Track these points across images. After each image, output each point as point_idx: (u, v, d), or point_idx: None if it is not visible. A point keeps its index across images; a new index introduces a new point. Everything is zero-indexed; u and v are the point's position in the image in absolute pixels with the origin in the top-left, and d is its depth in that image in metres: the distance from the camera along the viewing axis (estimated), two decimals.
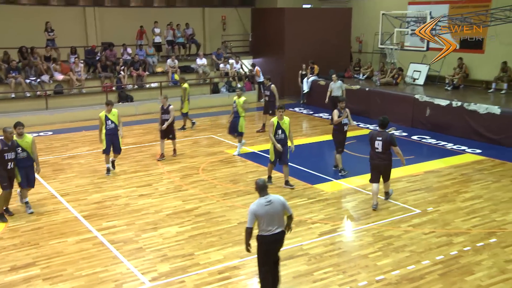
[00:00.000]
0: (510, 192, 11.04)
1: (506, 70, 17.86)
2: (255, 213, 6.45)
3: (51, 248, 8.53)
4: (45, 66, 19.52)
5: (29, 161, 9.81)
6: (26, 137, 9.72)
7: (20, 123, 9.73)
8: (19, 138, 9.63)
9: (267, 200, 6.50)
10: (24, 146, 9.68)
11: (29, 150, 9.73)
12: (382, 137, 9.84)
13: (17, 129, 9.59)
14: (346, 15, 23.55)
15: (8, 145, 9.49)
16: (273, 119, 11.08)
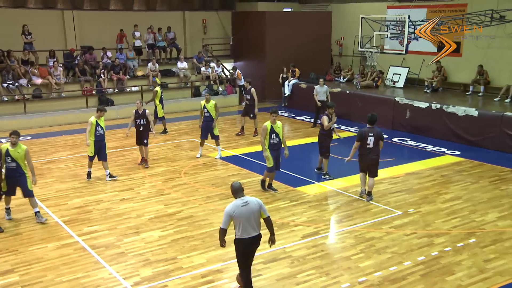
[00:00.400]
0: (488, 193, 11.23)
1: (482, 73, 18.19)
2: (230, 214, 6.45)
3: (31, 254, 8.39)
4: (23, 70, 19.24)
5: (18, 172, 9.41)
6: (19, 147, 9.35)
7: (15, 132, 9.37)
8: (11, 147, 9.30)
9: (243, 201, 6.51)
10: (15, 156, 9.31)
11: (20, 161, 9.35)
12: (373, 133, 10.47)
13: (11, 138, 9.29)
14: (326, 19, 23.72)
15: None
16: (266, 123, 10.85)
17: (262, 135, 10.83)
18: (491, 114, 15.01)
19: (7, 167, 9.33)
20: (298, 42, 22.65)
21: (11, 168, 9.34)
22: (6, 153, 9.26)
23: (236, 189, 6.61)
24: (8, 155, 9.28)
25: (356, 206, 10.46)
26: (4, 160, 9.27)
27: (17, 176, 9.42)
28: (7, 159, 9.28)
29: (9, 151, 9.27)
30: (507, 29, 17.37)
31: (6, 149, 9.25)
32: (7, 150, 9.25)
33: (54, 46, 20.42)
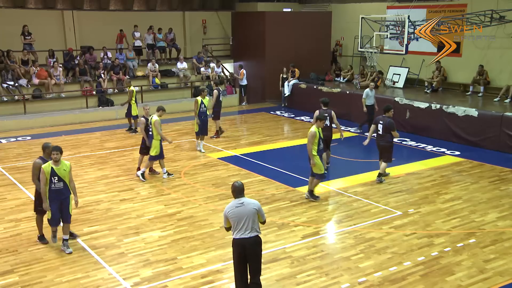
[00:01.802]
0: (488, 193, 11.24)
1: (482, 73, 18.19)
2: (225, 214, 6.54)
3: (31, 255, 8.39)
4: (23, 70, 19.24)
5: (64, 194, 8.28)
6: (63, 164, 8.24)
7: (57, 147, 8.22)
8: (56, 165, 8.15)
9: (239, 202, 6.51)
10: (62, 174, 8.17)
11: (67, 179, 8.24)
12: (383, 122, 11.61)
13: (53, 155, 8.14)
14: (326, 19, 23.72)
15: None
16: (313, 128, 10.28)
17: (310, 141, 10.22)
18: (491, 114, 15.01)
19: (54, 188, 8.15)
20: (298, 42, 22.65)
21: (58, 189, 8.17)
22: (52, 172, 8.09)
23: (234, 190, 6.61)
24: (55, 174, 8.10)
25: (356, 207, 10.47)
26: (49, 181, 8.10)
27: (62, 199, 8.28)
28: (54, 179, 8.11)
29: (54, 170, 8.10)
30: (507, 29, 17.36)
31: (50, 168, 8.09)
32: (52, 169, 8.09)
33: (54, 46, 20.43)
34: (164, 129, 17.63)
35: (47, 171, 8.07)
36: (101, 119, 19.34)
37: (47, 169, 8.08)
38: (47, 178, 8.09)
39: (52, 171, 8.10)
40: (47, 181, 8.10)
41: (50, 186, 8.12)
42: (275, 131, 17.65)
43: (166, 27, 22.91)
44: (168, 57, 23.40)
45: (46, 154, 8.54)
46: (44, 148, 8.63)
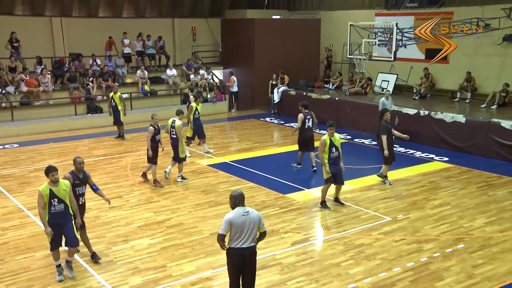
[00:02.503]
0: (476, 199, 11.32)
1: (470, 79, 18.38)
2: (231, 222, 6.26)
3: (17, 264, 8.29)
4: (10, 77, 19.09)
5: (66, 216, 7.59)
6: (62, 184, 7.54)
7: (52, 167, 7.53)
8: (54, 187, 7.46)
9: (245, 210, 6.33)
10: (62, 196, 7.50)
11: (67, 200, 7.58)
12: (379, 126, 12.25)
13: (51, 176, 7.45)
14: (315, 26, 23.86)
15: (79, 177, 8.17)
16: (324, 137, 10.42)
17: (321, 149, 10.36)
18: (478, 121, 15.15)
19: (54, 212, 7.46)
20: (287, 49, 22.75)
21: (59, 212, 7.48)
22: (51, 194, 7.40)
23: (238, 197, 6.39)
24: (54, 196, 7.42)
25: (345, 213, 10.49)
26: (48, 204, 7.44)
27: (65, 222, 7.58)
28: (53, 202, 7.43)
29: (54, 192, 7.42)
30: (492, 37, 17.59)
31: (48, 190, 7.40)
32: (51, 191, 7.40)
33: (43, 53, 20.31)
34: None
35: (45, 194, 7.39)
36: (89, 126, 19.22)
37: (45, 191, 7.39)
38: (46, 202, 7.40)
39: (51, 193, 7.41)
40: (46, 205, 7.42)
41: (50, 209, 7.42)
42: (264, 137, 17.67)
43: (156, 34, 22.89)
44: (158, 64, 23.37)
45: (77, 168, 8.17)
46: (75, 161, 8.21)
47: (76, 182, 8.09)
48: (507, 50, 17.67)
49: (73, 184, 7.96)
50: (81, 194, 8.23)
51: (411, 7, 19.76)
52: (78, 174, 8.19)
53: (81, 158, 8.21)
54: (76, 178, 8.13)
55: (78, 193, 8.12)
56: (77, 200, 7.97)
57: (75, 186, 8.06)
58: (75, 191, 8.04)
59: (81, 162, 8.15)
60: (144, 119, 20.21)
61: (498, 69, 18.01)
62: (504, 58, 17.81)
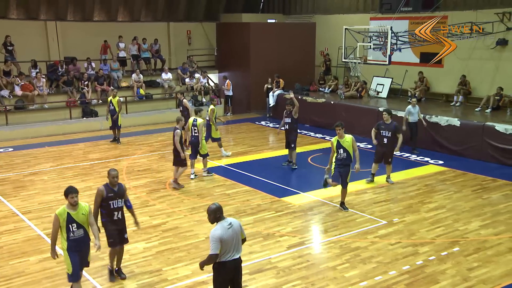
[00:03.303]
0: (471, 202, 11.36)
1: (465, 83, 18.47)
2: (221, 239, 5.96)
3: (12, 268, 8.25)
4: (5, 80, 19.03)
5: (85, 242, 7.02)
6: (81, 208, 6.87)
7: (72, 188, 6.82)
8: (73, 210, 6.78)
9: (227, 223, 6.09)
10: (81, 220, 6.85)
11: (86, 225, 6.93)
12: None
13: (70, 198, 6.76)
14: (310, 30, 23.93)
15: (114, 190, 7.59)
16: (332, 138, 10.57)
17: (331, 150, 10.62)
18: (473, 124, 15.21)
19: (73, 238, 6.80)
20: (282, 53, 22.79)
21: (78, 238, 6.84)
22: (69, 219, 6.75)
23: (217, 211, 6.11)
24: (72, 221, 6.77)
25: (341, 216, 10.50)
26: (66, 229, 6.78)
27: (84, 249, 7.01)
28: (72, 227, 6.77)
29: (72, 216, 6.77)
30: (486, 41, 17.72)
31: (66, 213, 6.75)
32: (69, 214, 6.75)
33: (37, 57, 20.26)
34: (149, 140, 17.66)
35: (62, 217, 6.72)
36: (84, 130, 19.18)
37: (63, 215, 6.72)
38: (63, 226, 6.75)
39: (69, 217, 6.74)
40: (63, 229, 6.77)
41: (68, 235, 6.77)
42: (260, 141, 17.68)
43: (151, 38, 22.90)
44: (153, 68, 23.36)
45: (111, 181, 7.58)
46: (109, 174, 7.61)
47: (110, 195, 7.53)
48: (500, 54, 17.78)
49: (106, 198, 7.49)
50: (116, 209, 7.60)
51: (406, 11, 19.85)
52: (113, 187, 7.60)
53: (116, 171, 7.61)
54: (110, 191, 7.56)
55: (112, 207, 7.56)
56: (111, 215, 7.55)
57: (109, 199, 7.52)
58: (109, 205, 7.52)
59: (115, 176, 7.54)
60: (139, 123, 20.23)
61: (492, 73, 18.12)
62: (498, 62, 17.92)
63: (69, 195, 6.75)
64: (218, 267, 6.13)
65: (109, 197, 7.53)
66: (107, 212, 7.56)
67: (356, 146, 10.55)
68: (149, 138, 18.07)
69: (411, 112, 15.35)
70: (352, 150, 10.49)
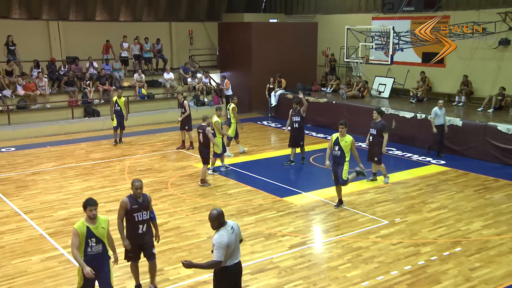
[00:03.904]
0: (473, 202, 11.34)
1: (466, 83, 18.45)
2: (228, 245, 5.82)
3: (14, 268, 8.26)
4: (7, 80, 19.06)
5: (104, 258, 6.53)
6: (100, 221, 6.44)
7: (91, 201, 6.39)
8: (92, 224, 6.35)
9: (229, 227, 5.96)
10: (101, 234, 6.41)
11: (105, 239, 6.48)
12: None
13: (88, 211, 6.33)
14: (312, 30, 23.92)
15: (138, 202, 7.14)
16: (333, 134, 10.71)
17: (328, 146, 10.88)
18: (475, 124, 15.19)
19: (91, 253, 6.35)
20: (284, 52, 22.78)
21: (96, 254, 6.38)
22: (88, 233, 6.31)
23: (219, 215, 5.92)
24: (92, 235, 6.33)
25: (343, 216, 10.49)
26: (85, 244, 6.33)
27: (101, 265, 6.51)
28: (91, 242, 6.33)
29: (91, 230, 6.33)
30: (488, 41, 17.69)
31: (85, 228, 6.31)
32: (88, 228, 6.31)
33: (39, 57, 20.30)
34: (151, 140, 17.68)
35: (81, 232, 6.27)
36: (87, 129, 19.20)
37: (82, 229, 6.28)
38: (82, 242, 6.29)
39: (89, 231, 6.30)
40: (82, 245, 6.31)
41: (86, 250, 6.32)
42: (261, 141, 17.68)
43: (153, 38, 22.91)
44: (155, 68, 23.38)
45: (135, 193, 7.13)
46: (132, 185, 7.16)
47: (134, 207, 7.10)
48: (502, 54, 17.75)
49: (130, 210, 7.08)
50: (141, 221, 7.15)
51: (408, 11, 19.83)
52: (137, 199, 7.16)
53: (140, 182, 7.17)
54: (134, 202, 7.12)
55: (136, 219, 7.12)
56: (135, 228, 7.13)
57: (133, 211, 7.10)
58: (133, 217, 7.10)
59: (138, 187, 7.09)
60: (141, 122, 20.24)
61: (494, 73, 18.09)
62: (500, 62, 17.89)
63: (87, 208, 6.31)
64: (221, 273, 5.97)
65: (133, 209, 7.10)
66: (131, 225, 7.14)
67: (354, 148, 10.57)
68: (151, 138, 18.09)
69: (438, 114, 14.78)
70: (351, 151, 10.54)
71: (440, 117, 14.85)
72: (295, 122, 14.06)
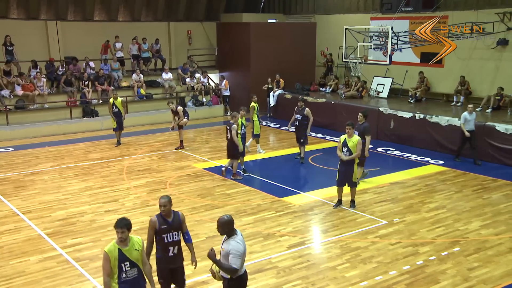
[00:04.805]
0: (471, 202, 11.36)
1: (464, 83, 18.47)
2: (244, 253, 5.64)
3: (12, 268, 8.25)
4: (5, 80, 19.04)
5: (141, 284, 5.90)
6: (133, 242, 5.77)
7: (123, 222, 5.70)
8: (124, 246, 5.68)
9: (241, 235, 5.79)
10: (134, 257, 5.73)
11: (140, 262, 5.81)
12: None
13: (119, 232, 5.64)
14: (311, 30, 23.93)
15: (168, 221, 6.35)
16: (342, 136, 10.71)
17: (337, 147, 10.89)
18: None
19: (126, 279, 5.70)
20: (282, 53, 22.79)
21: (131, 279, 5.73)
22: (121, 256, 5.64)
23: (231, 221, 5.67)
24: (125, 259, 5.66)
25: (341, 216, 10.50)
26: (118, 268, 5.68)
27: None
28: (124, 266, 5.66)
29: (124, 253, 5.65)
30: (487, 41, 17.72)
31: (117, 251, 5.64)
32: (120, 251, 5.64)
33: (38, 57, 20.25)
34: (149, 140, 17.67)
35: (113, 256, 5.61)
36: (85, 130, 19.19)
37: (113, 253, 5.62)
38: (114, 266, 5.63)
39: (121, 255, 5.64)
40: (114, 271, 5.66)
41: (120, 276, 5.66)
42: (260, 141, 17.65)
43: (151, 38, 22.90)
44: (153, 68, 23.37)
45: (162, 211, 6.37)
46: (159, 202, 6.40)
47: (163, 228, 6.30)
48: (501, 54, 17.77)
49: (159, 230, 6.31)
50: (171, 243, 6.37)
51: (406, 11, 19.86)
52: (167, 218, 6.35)
53: (165, 199, 6.31)
54: (163, 222, 6.32)
55: (166, 241, 6.34)
56: (166, 250, 6.37)
57: (162, 232, 6.31)
58: (163, 238, 6.32)
59: (162, 204, 6.29)
60: (140, 122, 20.24)
61: (492, 73, 18.11)
62: (498, 62, 17.91)
63: (116, 229, 5.62)
64: (239, 281, 5.77)
65: (162, 229, 6.31)
66: (161, 247, 6.37)
67: (359, 148, 10.48)
68: (150, 138, 18.09)
69: (467, 119, 14.16)
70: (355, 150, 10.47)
71: (470, 122, 14.16)
72: (296, 120, 14.48)
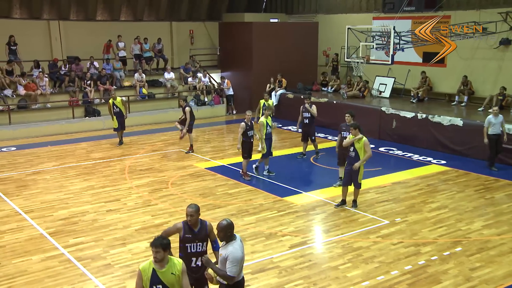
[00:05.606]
0: (473, 202, 11.34)
1: (466, 83, 18.44)
2: (242, 259, 5.53)
3: (14, 267, 8.26)
4: (8, 80, 19.07)
5: None
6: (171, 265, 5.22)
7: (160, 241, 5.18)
8: (159, 267, 5.17)
9: (240, 240, 5.65)
10: (169, 281, 5.18)
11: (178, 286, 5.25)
12: None
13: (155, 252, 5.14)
14: (313, 30, 23.91)
15: (194, 231, 5.96)
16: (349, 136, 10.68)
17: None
18: (476, 124, 15.17)
19: None
20: (284, 52, 22.77)
21: None
22: (154, 278, 5.15)
23: (231, 226, 5.51)
24: (158, 281, 5.15)
25: (343, 216, 10.49)
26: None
27: None
28: None
29: (157, 275, 5.16)
30: (489, 41, 17.69)
31: (151, 270, 5.18)
32: (154, 272, 5.17)
33: (40, 57, 20.30)
34: (151, 139, 17.68)
35: (146, 275, 5.16)
36: (87, 129, 19.21)
37: (147, 273, 5.16)
38: (146, 286, 5.17)
39: (154, 276, 5.14)
40: None
41: None
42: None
43: (153, 38, 22.91)
44: (156, 67, 23.38)
45: (189, 220, 5.98)
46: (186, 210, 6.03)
47: (187, 236, 5.95)
48: (503, 54, 17.73)
49: (183, 239, 5.96)
50: (194, 254, 5.97)
51: (409, 10, 19.83)
52: (192, 227, 5.97)
53: (192, 208, 5.92)
54: (188, 231, 5.95)
55: (189, 251, 5.96)
56: (189, 260, 5.92)
57: (186, 241, 5.95)
58: (186, 247, 5.96)
59: (188, 213, 5.89)
60: (142, 122, 20.26)
61: (495, 73, 18.08)
62: (501, 61, 17.88)
63: (152, 247, 5.14)
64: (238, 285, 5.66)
65: (186, 238, 5.95)
66: (184, 255, 5.97)
67: (368, 149, 10.38)
68: (152, 137, 18.10)
69: (492, 123, 13.51)
70: (363, 152, 10.40)
71: (495, 126, 13.51)
72: (306, 118, 14.51)
